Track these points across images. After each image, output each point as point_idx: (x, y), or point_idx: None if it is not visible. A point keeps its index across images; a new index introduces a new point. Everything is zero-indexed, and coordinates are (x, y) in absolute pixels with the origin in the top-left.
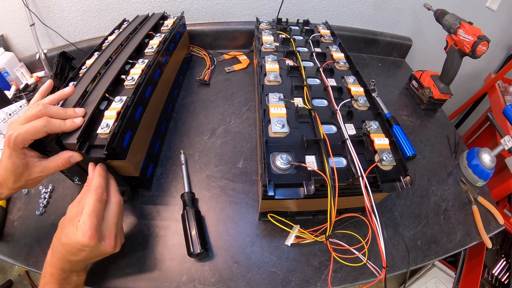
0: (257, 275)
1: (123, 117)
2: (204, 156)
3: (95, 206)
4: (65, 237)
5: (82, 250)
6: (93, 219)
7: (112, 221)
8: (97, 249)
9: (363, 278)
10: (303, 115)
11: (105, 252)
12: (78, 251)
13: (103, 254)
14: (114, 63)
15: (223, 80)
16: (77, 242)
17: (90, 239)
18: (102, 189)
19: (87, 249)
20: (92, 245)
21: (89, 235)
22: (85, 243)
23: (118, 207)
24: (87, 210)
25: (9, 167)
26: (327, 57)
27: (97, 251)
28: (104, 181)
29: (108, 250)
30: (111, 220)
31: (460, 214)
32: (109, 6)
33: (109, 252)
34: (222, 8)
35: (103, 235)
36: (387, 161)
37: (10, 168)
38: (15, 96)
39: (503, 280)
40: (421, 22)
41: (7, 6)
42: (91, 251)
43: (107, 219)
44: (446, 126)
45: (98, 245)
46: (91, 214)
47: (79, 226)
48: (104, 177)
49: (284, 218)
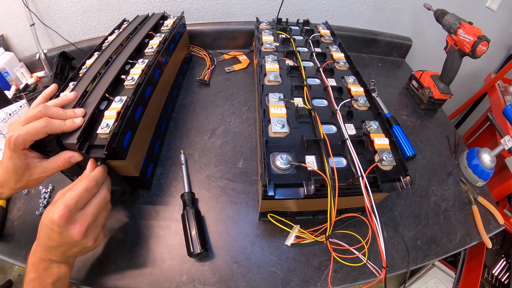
0: (257, 275)
1: (123, 117)
2: (204, 156)
3: (80, 192)
4: (43, 218)
5: (53, 231)
6: (72, 201)
7: (90, 210)
8: (66, 232)
9: (363, 278)
10: (303, 115)
11: (72, 237)
12: (50, 231)
13: (73, 243)
14: (114, 63)
15: (223, 80)
16: (49, 220)
17: (61, 217)
18: (95, 182)
19: (55, 228)
20: (60, 224)
21: (61, 213)
22: (55, 220)
23: (101, 200)
24: (71, 193)
25: (10, 168)
26: (327, 57)
27: (66, 235)
28: (101, 178)
29: (76, 237)
30: (90, 209)
31: (460, 214)
32: (109, 6)
33: (77, 241)
34: (222, 8)
35: (75, 219)
36: (387, 161)
37: (11, 169)
38: (15, 96)
39: (503, 280)
40: (421, 22)
41: (7, 6)
42: (60, 232)
43: (86, 207)
44: (446, 126)
45: (67, 227)
46: (73, 196)
47: (56, 204)
48: (102, 174)
49: (284, 218)
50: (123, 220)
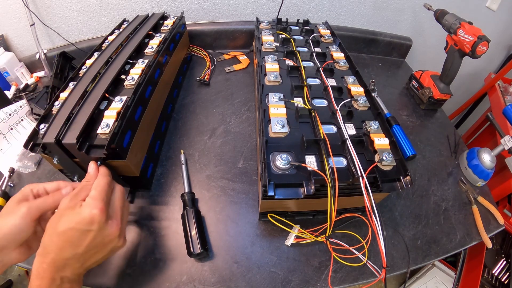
0: (257, 275)
1: (123, 117)
2: (204, 156)
3: (104, 187)
4: (63, 224)
5: (88, 231)
6: (103, 195)
7: (118, 205)
8: (104, 230)
9: (363, 278)
10: (303, 115)
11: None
12: (83, 232)
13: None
14: (114, 63)
15: (223, 80)
16: (83, 219)
17: (102, 212)
18: (111, 177)
19: (94, 226)
20: (100, 220)
21: (100, 207)
22: (94, 216)
23: (122, 194)
24: (96, 190)
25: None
26: (327, 57)
27: (105, 233)
28: (110, 174)
29: (115, 233)
30: (117, 204)
31: (460, 214)
32: (109, 6)
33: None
34: (222, 8)
35: (110, 215)
36: (387, 161)
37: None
38: (15, 96)
39: (503, 280)
40: (421, 22)
41: (7, 6)
42: (98, 230)
43: (113, 203)
44: (446, 126)
45: (105, 224)
46: (100, 192)
47: (85, 204)
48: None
49: (284, 218)
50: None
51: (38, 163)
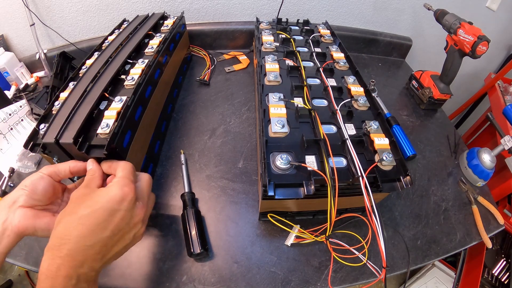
0: (257, 275)
1: (123, 117)
2: (204, 156)
3: (130, 169)
4: (88, 206)
5: (118, 210)
6: (131, 177)
7: (144, 189)
8: (133, 211)
9: (363, 278)
10: (303, 115)
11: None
12: (111, 212)
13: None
14: (113, 62)
15: (223, 80)
16: (113, 196)
17: (131, 189)
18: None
19: (124, 204)
20: (131, 199)
21: (131, 186)
22: (126, 194)
23: (148, 180)
24: (123, 171)
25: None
26: (327, 57)
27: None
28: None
29: (140, 215)
30: (144, 188)
31: (460, 214)
32: (109, 6)
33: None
34: (222, 8)
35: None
36: (387, 161)
37: None
38: (15, 96)
39: (503, 280)
40: (421, 22)
41: (7, 6)
42: (128, 210)
43: (140, 187)
44: (446, 126)
45: (134, 205)
46: (128, 174)
47: (114, 183)
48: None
49: (284, 218)
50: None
51: (38, 163)
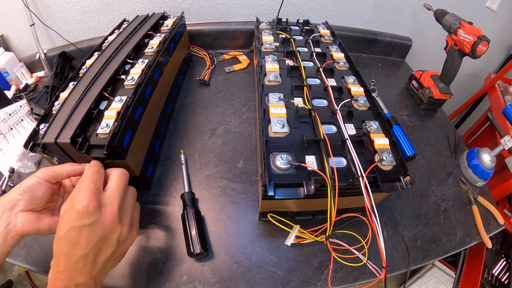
0: (257, 275)
1: (123, 117)
2: (204, 156)
3: (91, 176)
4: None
5: (82, 228)
6: (90, 184)
7: (113, 189)
8: (99, 220)
9: (363, 278)
10: (303, 115)
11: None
12: (80, 229)
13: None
14: (112, 62)
15: (223, 80)
16: (76, 215)
17: (89, 202)
18: (99, 165)
19: (85, 220)
20: (90, 210)
21: (88, 198)
22: (83, 208)
23: (121, 178)
24: (83, 182)
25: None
26: (327, 57)
27: (99, 224)
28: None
29: (110, 220)
30: (112, 188)
31: (460, 214)
32: (109, 6)
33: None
34: (222, 8)
35: (104, 202)
36: (387, 161)
37: None
38: (15, 96)
39: (503, 280)
40: (421, 22)
41: (7, 6)
42: (92, 224)
43: (108, 188)
44: (446, 126)
45: (98, 213)
46: (87, 183)
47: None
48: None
49: (284, 218)
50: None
51: (38, 163)
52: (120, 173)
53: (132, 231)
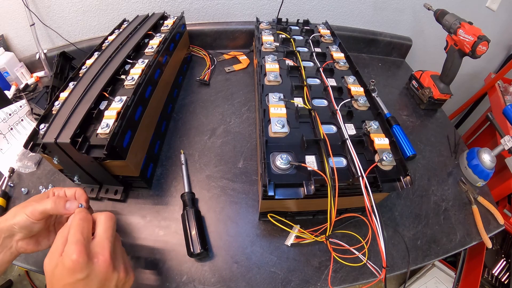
0: (257, 275)
1: (123, 117)
2: (204, 156)
3: (78, 225)
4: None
5: (79, 281)
6: (78, 235)
7: (102, 236)
8: (92, 271)
9: (363, 278)
10: (303, 115)
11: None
12: (74, 285)
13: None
14: (112, 62)
15: (223, 80)
16: (68, 271)
17: (79, 254)
18: (85, 212)
19: (78, 274)
20: (82, 263)
21: (77, 250)
22: (74, 262)
23: (108, 223)
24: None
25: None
26: (327, 57)
27: (94, 275)
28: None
29: (104, 268)
30: (101, 235)
31: (460, 214)
32: (109, 6)
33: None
34: (222, 8)
35: (94, 251)
36: (387, 161)
37: None
38: (15, 96)
39: (503, 280)
40: (421, 22)
41: (7, 6)
42: (86, 277)
43: (96, 236)
44: (446, 126)
45: (90, 264)
46: (75, 233)
47: (64, 254)
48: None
49: (284, 218)
50: (123, 220)
51: (38, 163)
52: (107, 217)
53: (129, 274)
